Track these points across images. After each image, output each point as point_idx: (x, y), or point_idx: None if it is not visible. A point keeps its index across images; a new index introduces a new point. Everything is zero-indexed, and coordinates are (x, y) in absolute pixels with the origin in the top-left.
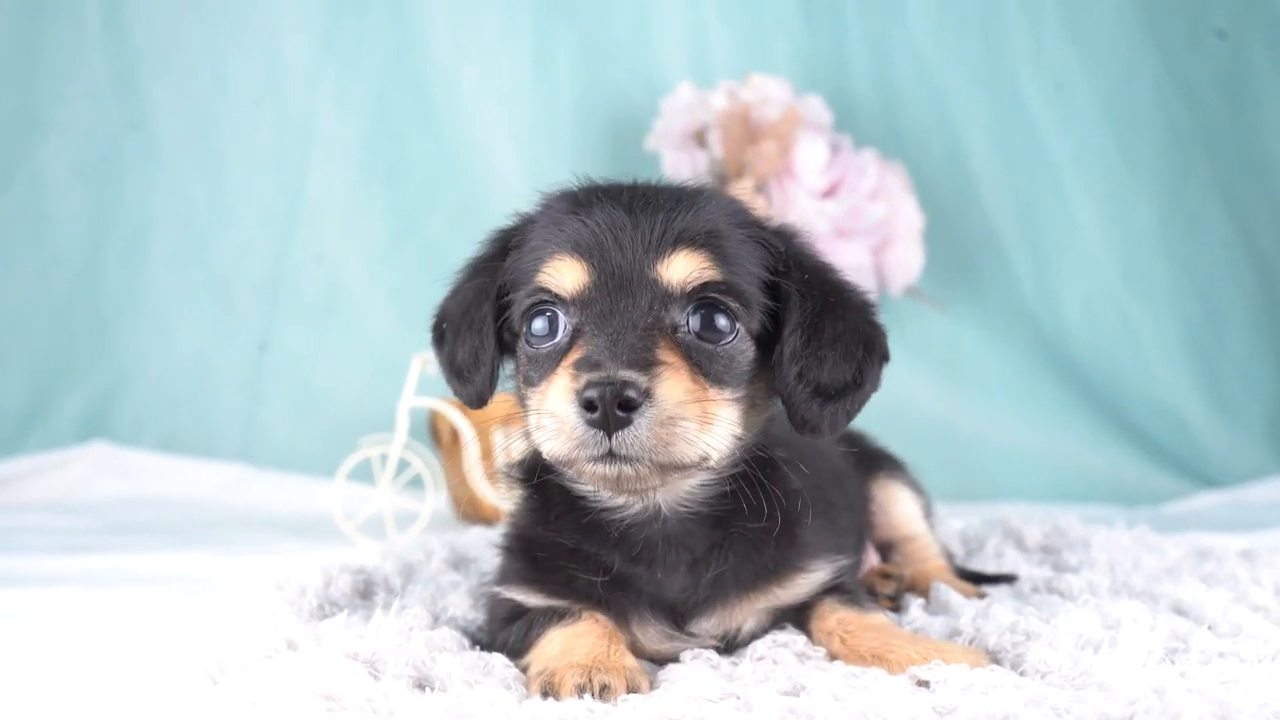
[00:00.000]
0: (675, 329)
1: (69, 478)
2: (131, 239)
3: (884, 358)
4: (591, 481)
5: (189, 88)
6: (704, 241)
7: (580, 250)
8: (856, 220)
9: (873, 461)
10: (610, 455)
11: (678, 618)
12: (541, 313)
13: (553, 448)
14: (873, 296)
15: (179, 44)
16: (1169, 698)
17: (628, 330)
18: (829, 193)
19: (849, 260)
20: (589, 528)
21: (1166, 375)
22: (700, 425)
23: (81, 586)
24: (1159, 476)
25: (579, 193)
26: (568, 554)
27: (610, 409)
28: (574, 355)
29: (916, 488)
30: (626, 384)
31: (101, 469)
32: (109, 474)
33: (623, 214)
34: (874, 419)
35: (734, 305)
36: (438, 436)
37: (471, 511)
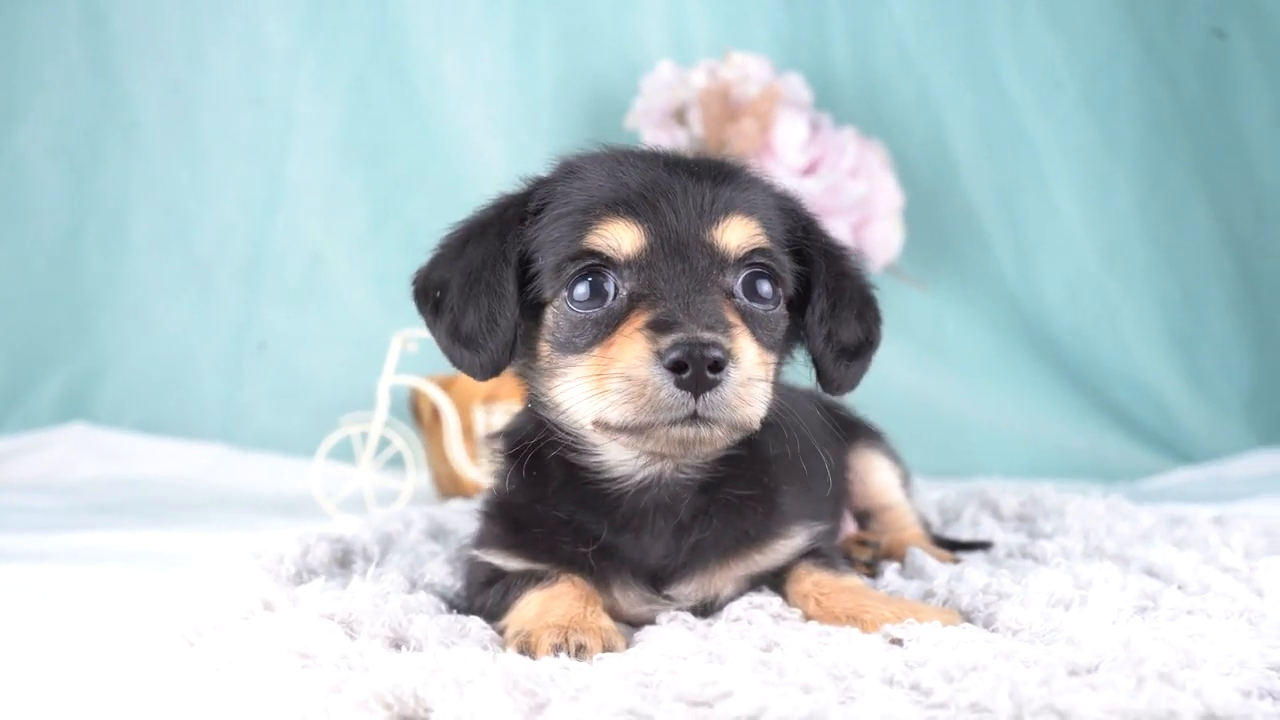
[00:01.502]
0: (731, 294)
1: (49, 458)
2: (111, 222)
3: (880, 316)
4: (658, 446)
5: (168, 72)
6: (751, 209)
7: (633, 212)
8: (836, 198)
9: (851, 431)
10: (693, 418)
11: (658, 583)
12: (587, 276)
13: (620, 414)
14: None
15: (158, 28)
16: (1133, 648)
17: (693, 293)
18: (809, 170)
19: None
20: (585, 498)
21: (1145, 354)
22: (766, 386)
23: (61, 563)
24: (1138, 453)
25: (608, 155)
26: (557, 525)
27: (702, 370)
28: (639, 319)
29: (894, 457)
30: (714, 344)
31: (82, 450)
32: (89, 455)
33: (665, 175)
34: (853, 395)
35: (779, 271)
36: (419, 415)
37: (452, 489)
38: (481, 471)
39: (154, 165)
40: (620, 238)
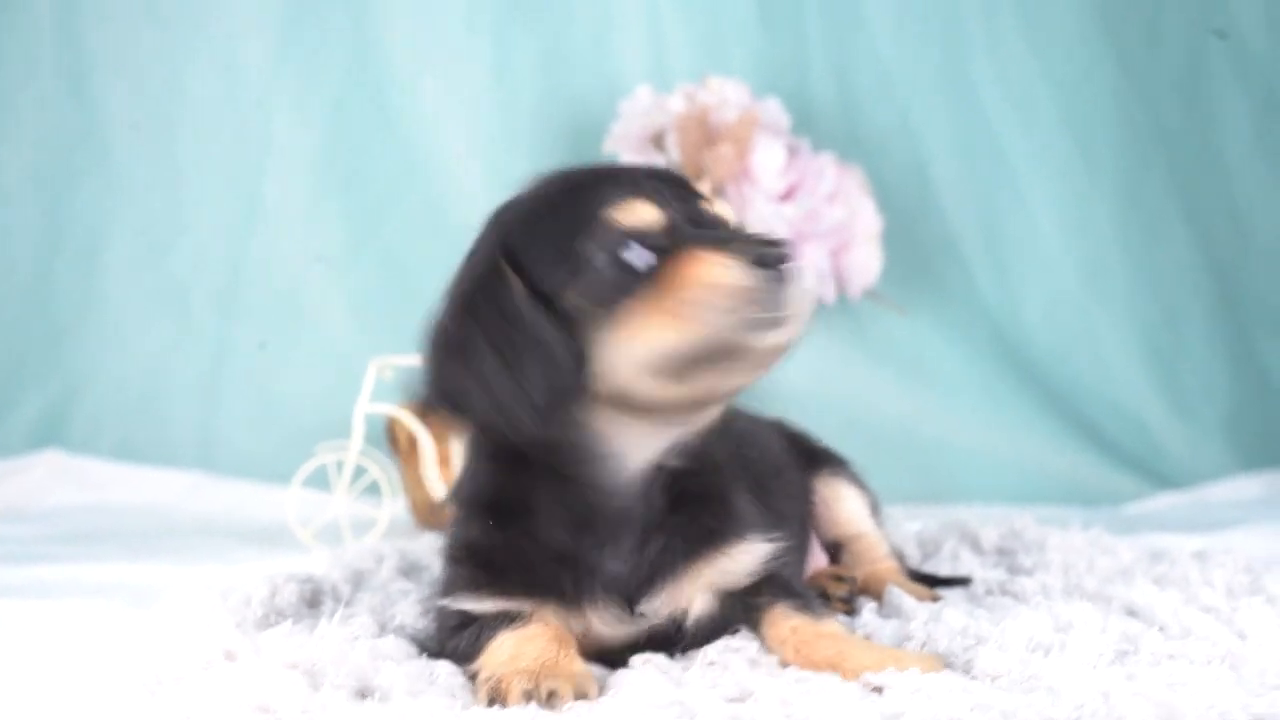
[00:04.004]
0: None
1: (22, 486)
2: (85, 246)
3: None
4: (738, 376)
5: (144, 94)
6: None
7: (642, 194)
8: (815, 223)
9: (814, 460)
10: (784, 318)
11: (628, 597)
12: (618, 248)
13: (695, 331)
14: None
15: (133, 50)
16: (1114, 701)
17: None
18: (787, 195)
19: (808, 263)
20: (562, 515)
21: (1126, 377)
22: None
23: (29, 598)
24: (1119, 477)
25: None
26: (529, 548)
27: (785, 257)
28: (692, 248)
29: (861, 485)
30: (778, 242)
31: (55, 477)
32: (63, 482)
33: (645, 175)
34: (835, 422)
35: None
36: (396, 443)
37: (430, 517)
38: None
39: (129, 188)
40: (640, 213)
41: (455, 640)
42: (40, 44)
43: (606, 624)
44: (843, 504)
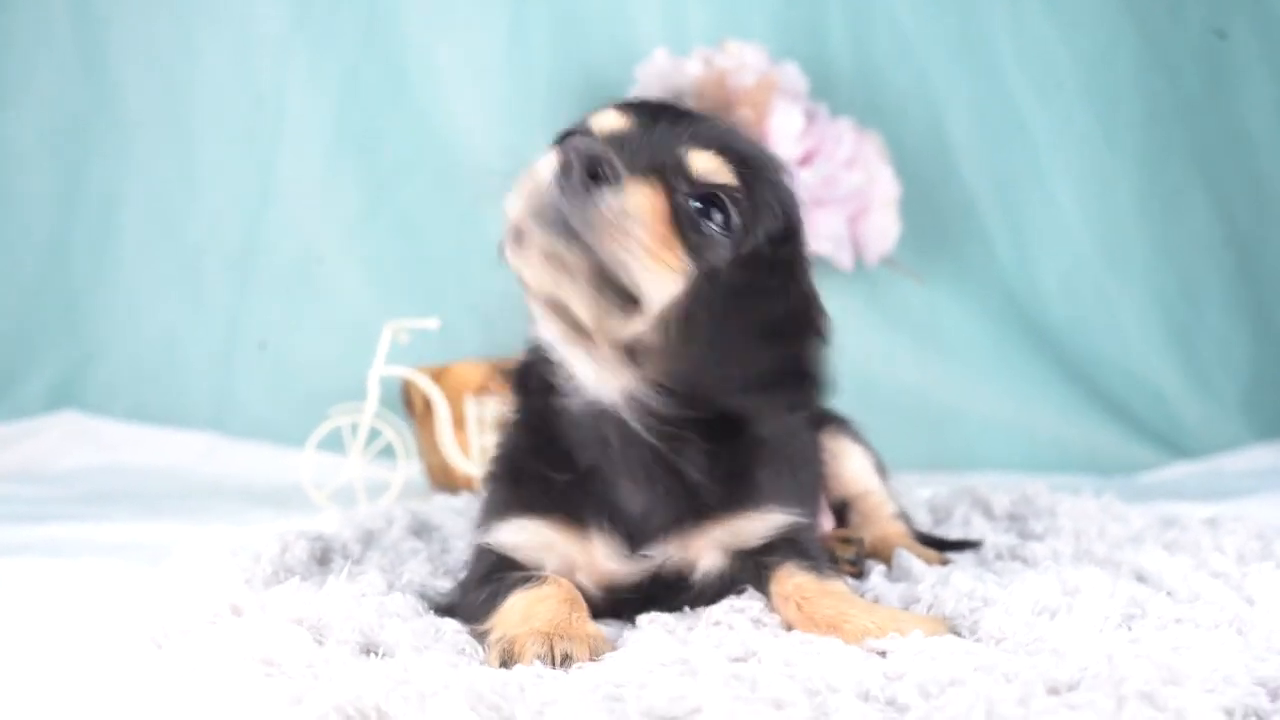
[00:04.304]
0: (674, 191)
1: (38, 447)
2: (101, 212)
3: None
4: (529, 266)
5: (158, 61)
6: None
7: (623, 109)
8: (832, 189)
9: (819, 419)
10: (565, 228)
11: (634, 536)
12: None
13: (509, 212)
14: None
15: (147, 19)
16: (1117, 663)
17: (639, 156)
18: (804, 161)
19: (825, 229)
20: (567, 432)
21: (1143, 347)
22: (654, 257)
23: (42, 555)
24: (1135, 447)
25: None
26: (547, 463)
27: (579, 168)
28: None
29: (865, 443)
30: (605, 159)
31: (72, 438)
32: (79, 443)
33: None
34: (849, 388)
35: (735, 209)
36: (411, 406)
37: (445, 480)
38: (473, 465)
39: (144, 153)
40: (605, 119)
41: (475, 594)
42: (55, 14)
43: (611, 558)
44: (848, 460)
